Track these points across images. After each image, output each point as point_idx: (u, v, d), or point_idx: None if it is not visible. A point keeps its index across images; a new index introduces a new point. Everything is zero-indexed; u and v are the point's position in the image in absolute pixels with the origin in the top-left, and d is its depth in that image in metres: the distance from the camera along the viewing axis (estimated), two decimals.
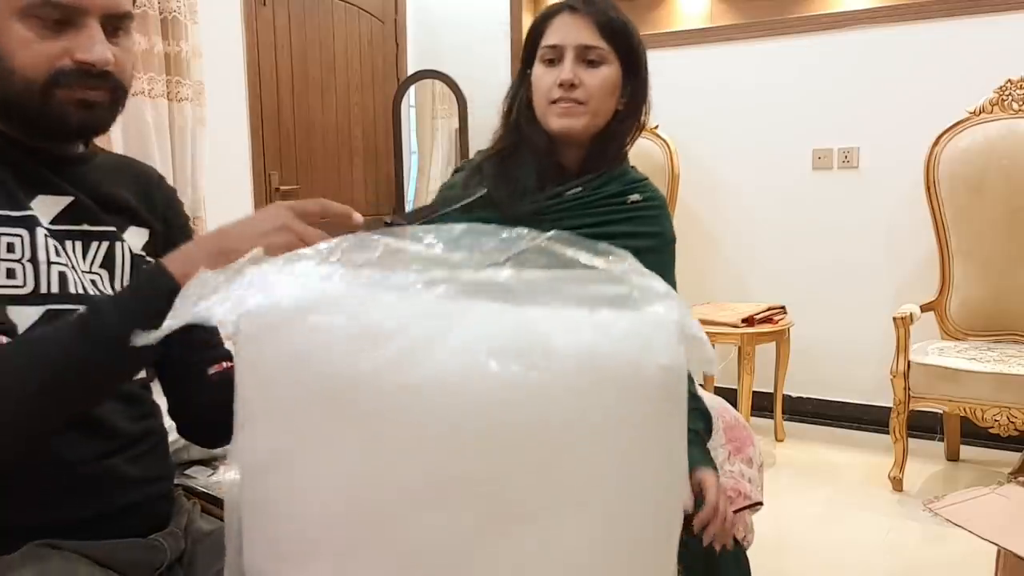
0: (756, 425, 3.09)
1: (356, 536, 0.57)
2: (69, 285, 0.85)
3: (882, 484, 2.61)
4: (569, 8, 1.24)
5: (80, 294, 0.86)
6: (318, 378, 0.56)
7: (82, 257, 0.89)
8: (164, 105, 2.80)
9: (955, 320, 2.80)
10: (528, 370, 0.54)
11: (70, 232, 0.88)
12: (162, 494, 0.95)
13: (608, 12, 1.25)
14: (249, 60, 3.17)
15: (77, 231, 0.89)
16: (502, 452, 0.55)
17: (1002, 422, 2.39)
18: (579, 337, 0.57)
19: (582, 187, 1.26)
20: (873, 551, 2.20)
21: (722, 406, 1.53)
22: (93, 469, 0.85)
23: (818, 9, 3.43)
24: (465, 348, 0.54)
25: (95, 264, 0.90)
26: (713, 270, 3.42)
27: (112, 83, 0.86)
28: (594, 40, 1.22)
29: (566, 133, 1.23)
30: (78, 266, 0.88)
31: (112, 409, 0.89)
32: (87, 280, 0.88)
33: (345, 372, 0.55)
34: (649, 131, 3.33)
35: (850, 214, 3.15)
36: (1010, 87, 2.72)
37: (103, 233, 0.92)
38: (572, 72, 1.20)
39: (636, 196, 1.29)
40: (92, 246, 0.90)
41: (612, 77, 1.24)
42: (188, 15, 2.85)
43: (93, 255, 0.90)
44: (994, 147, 2.71)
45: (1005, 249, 2.70)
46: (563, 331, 0.57)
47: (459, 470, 0.55)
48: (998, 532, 1.26)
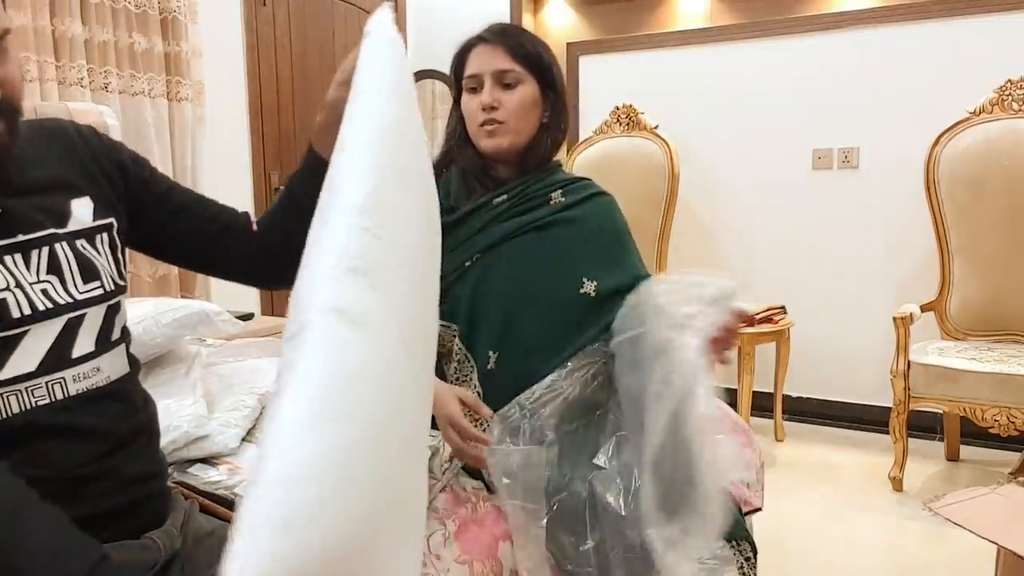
0: (756, 425, 3.09)
1: None
2: (11, 310, 0.83)
3: (882, 484, 2.61)
4: (482, 39, 1.36)
5: (26, 315, 0.84)
6: None
7: (26, 268, 0.86)
8: (164, 105, 2.80)
9: (955, 320, 2.80)
10: None
11: (7, 247, 0.85)
12: (156, 492, 0.95)
13: (518, 38, 1.36)
14: (249, 60, 3.18)
15: (13, 244, 0.86)
16: None
17: (1002, 422, 2.39)
18: None
19: (507, 194, 1.37)
20: (873, 551, 2.20)
21: (721, 410, 1.52)
22: (84, 472, 0.85)
23: (818, 9, 3.43)
24: None
25: (41, 272, 0.87)
26: (713, 270, 3.41)
27: (1, 107, 0.82)
28: (508, 64, 1.33)
29: (494, 151, 1.35)
30: (25, 279, 0.85)
31: (100, 410, 0.88)
32: (37, 291, 0.86)
33: None
34: (649, 131, 3.33)
35: (850, 214, 3.15)
36: (1010, 87, 2.72)
37: (39, 239, 0.88)
38: (491, 95, 1.32)
39: (559, 195, 1.38)
40: (32, 255, 0.87)
41: (529, 95, 1.35)
42: (188, 15, 2.85)
43: (36, 264, 0.87)
44: (994, 147, 2.71)
45: (1005, 249, 2.70)
46: None
47: None
48: (998, 532, 1.26)
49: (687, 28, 3.56)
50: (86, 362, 0.89)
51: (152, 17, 2.76)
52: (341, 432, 0.64)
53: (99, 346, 0.91)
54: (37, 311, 0.85)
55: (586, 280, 1.31)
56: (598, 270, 1.32)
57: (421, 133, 0.85)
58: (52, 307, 0.87)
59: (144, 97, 2.73)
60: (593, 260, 1.34)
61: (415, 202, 0.81)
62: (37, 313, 0.85)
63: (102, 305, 0.92)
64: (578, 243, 1.34)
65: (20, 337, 0.84)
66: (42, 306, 0.86)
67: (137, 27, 2.71)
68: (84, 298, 0.90)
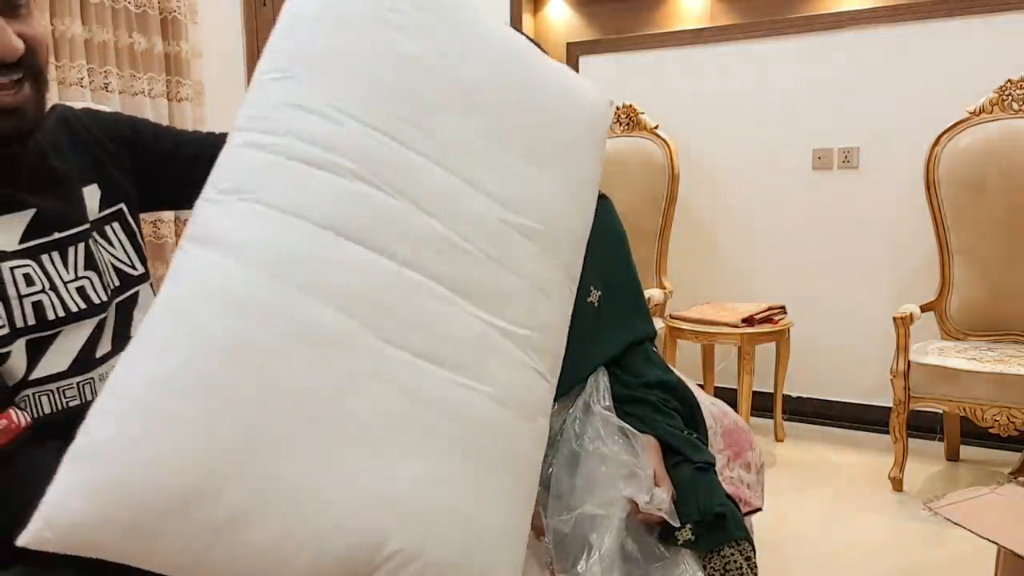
0: (756, 425, 3.09)
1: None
2: (46, 312, 0.83)
3: (882, 484, 2.61)
4: None
5: (61, 316, 0.84)
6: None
7: (63, 266, 0.86)
8: (164, 105, 2.80)
9: (955, 320, 2.80)
10: None
11: (43, 246, 0.85)
12: None
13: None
14: (249, 60, 3.18)
15: (50, 242, 0.85)
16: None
17: (1002, 422, 2.39)
18: None
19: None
20: (873, 551, 2.20)
21: (721, 410, 1.52)
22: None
23: (818, 9, 3.43)
24: None
25: (79, 269, 0.87)
26: (713, 270, 3.42)
27: (27, 69, 0.80)
28: None
29: None
30: (61, 279, 0.85)
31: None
32: (73, 290, 0.86)
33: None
34: (649, 131, 3.33)
35: (850, 214, 3.15)
36: (1010, 87, 2.72)
37: (75, 236, 0.88)
38: None
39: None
40: (69, 252, 0.87)
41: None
42: (188, 15, 2.86)
43: (74, 261, 0.87)
44: (994, 147, 2.71)
45: (1005, 249, 2.70)
46: None
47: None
48: (998, 532, 1.26)
49: (687, 28, 3.56)
50: (106, 362, 0.89)
51: (152, 17, 2.76)
52: (158, 367, 0.67)
53: (115, 344, 0.91)
54: (71, 312, 0.85)
55: (592, 288, 1.23)
56: (602, 279, 1.25)
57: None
58: (86, 307, 0.87)
59: (144, 97, 2.73)
60: (599, 267, 1.24)
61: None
62: (70, 314, 0.85)
63: (111, 302, 0.92)
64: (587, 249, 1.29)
65: (53, 338, 0.84)
66: (75, 307, 0.86)
67: (137, 27, 2.71)
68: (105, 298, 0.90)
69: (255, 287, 0.71)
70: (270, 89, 0.81)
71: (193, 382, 0.67)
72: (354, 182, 0.78)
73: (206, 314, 0.69)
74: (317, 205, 0.75)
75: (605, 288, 1.25)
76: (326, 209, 0.76)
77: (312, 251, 0.74)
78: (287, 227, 0.74)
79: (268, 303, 0.71)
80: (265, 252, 0.73)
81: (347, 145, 0.79)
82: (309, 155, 0.77)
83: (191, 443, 0.65)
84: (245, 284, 0.71)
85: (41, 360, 0.83)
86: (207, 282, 0.71)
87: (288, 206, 0.75)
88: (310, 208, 0.75)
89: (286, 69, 0.81)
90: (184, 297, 0.70)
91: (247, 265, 0.72)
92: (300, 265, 0.73)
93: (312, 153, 0.77)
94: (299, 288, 0.72)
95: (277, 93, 0.80)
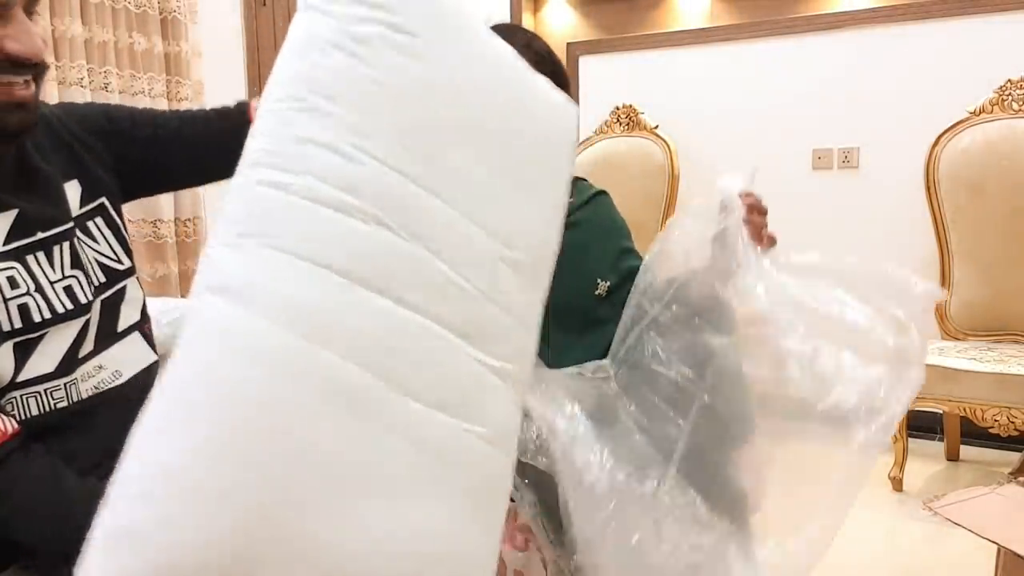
0: None
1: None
2: (32, 314, 0.82)
3: (882, 484, 2.61)
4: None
5: (47, 318, 0.83)
6: None
7: (49, 266, 0.85)
8: (164, 105, 2.80)
9: (955, 320, 2.80)
10: None
11: (28, 246, 0.84)
12: None
13: (525, 35, 1.31)
14: (249, 60, 3.18)
15: (35, 242, 0.84)
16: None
17: (1002, 422, 2.39)
18: None
19: None
20: (873, 551, 2.20)
21: None
22: (103, 472, 0.85)
23: (818, 9, 3.43)
24: None
25: (65, 268, 0.86)
26: None
27: (37, 71, 0.81)
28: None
29: None
30: (47, 279, 0.84)
31: (111, 420, 0.86)
32: (60, 289, 0.85)
33: None
34: (649, 131, 3.33)
35: (850, 214, 3.14)
36: (1010, 87, 2.72)
37: (60, 235, 0.87)
38: None
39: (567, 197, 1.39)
40: (55, 251, 0.86)
41: None
42: (188, 15, 2.86)
43: (59, 260, 0.86)
44: (994, 147, 2.71)
45: (1005, 249, 2.70)
46: None
47: None
48: (998, 532, 1.26)
49: (687, 28, 3.56)
50: (88, 361, 0.89)
51: (152, 17, 2.76)
52: (189, 437, 0.65)
53: (98, 344, 0.90)
54: (57, 313, 0.84)
55: (600, 281, 1.29)
56: (610, 270, 1.30)
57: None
58: (72, 307, 0.86)
59: (144, 97, 2.73)
60: (606, 260, 1.31)
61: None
62: (56, 315, 0.84)
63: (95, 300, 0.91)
64: (592, 244, 1.32)
65: (39, 340, 0.83)
66: (61, 308, 0.85)
67: (137, 27, 2.71)
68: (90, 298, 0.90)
69: (281, 343, 0.70)
70: (287, 119, 0.77)
71: (227, 451, 0.65)
72: (373, 227, 0.76)
73: (233, 376, 0.67)
74: (340, 254, 0.74)
75: (614, 277, 1.29)
76: (348, 257, 0.74)
77: (336, 303, 0.73)
78: (312, 278, 0.72)
79: (294, 361, 0.70)
80: (291, 306, 0.71)
81: (367, 187, 0.76)
82: (330, 198, 0.75)
83: (230, 518, 0.64)
84: (270, 340, 0.69)
85: (27, 362, 0.82)
86: (232, 339, 0.69)
87: (312, 255, 0.73)
88: (333, 256, 0.73)
89: (303, 99, 0.77)
90: (209, 357, 0.68)
91: (273, 320, 0.70)
92: (325, 317, 0.72)
93: (333, 196, 0.75)
94: (324, 344, 0.71)
95: (295, 126, 0.77)
